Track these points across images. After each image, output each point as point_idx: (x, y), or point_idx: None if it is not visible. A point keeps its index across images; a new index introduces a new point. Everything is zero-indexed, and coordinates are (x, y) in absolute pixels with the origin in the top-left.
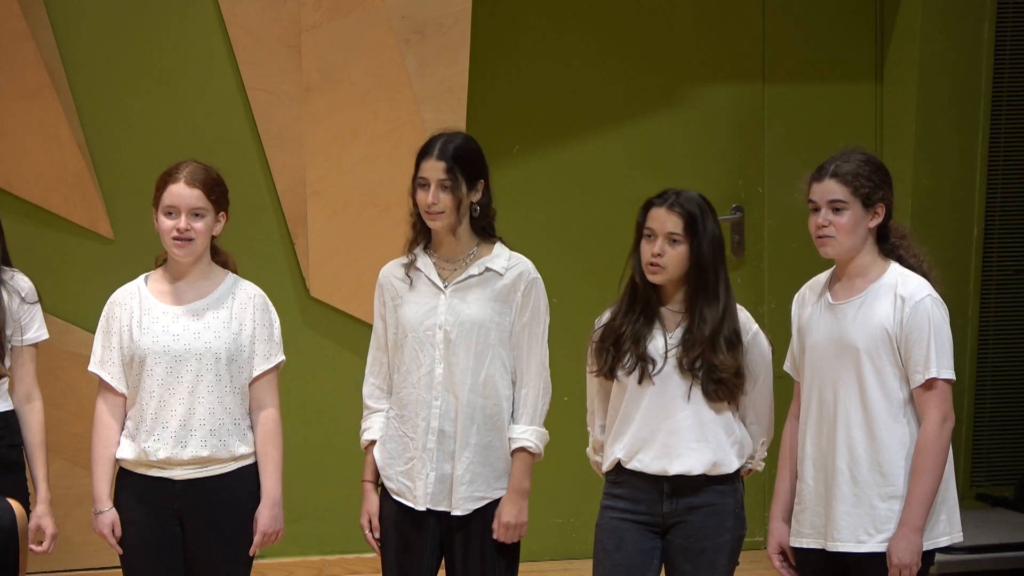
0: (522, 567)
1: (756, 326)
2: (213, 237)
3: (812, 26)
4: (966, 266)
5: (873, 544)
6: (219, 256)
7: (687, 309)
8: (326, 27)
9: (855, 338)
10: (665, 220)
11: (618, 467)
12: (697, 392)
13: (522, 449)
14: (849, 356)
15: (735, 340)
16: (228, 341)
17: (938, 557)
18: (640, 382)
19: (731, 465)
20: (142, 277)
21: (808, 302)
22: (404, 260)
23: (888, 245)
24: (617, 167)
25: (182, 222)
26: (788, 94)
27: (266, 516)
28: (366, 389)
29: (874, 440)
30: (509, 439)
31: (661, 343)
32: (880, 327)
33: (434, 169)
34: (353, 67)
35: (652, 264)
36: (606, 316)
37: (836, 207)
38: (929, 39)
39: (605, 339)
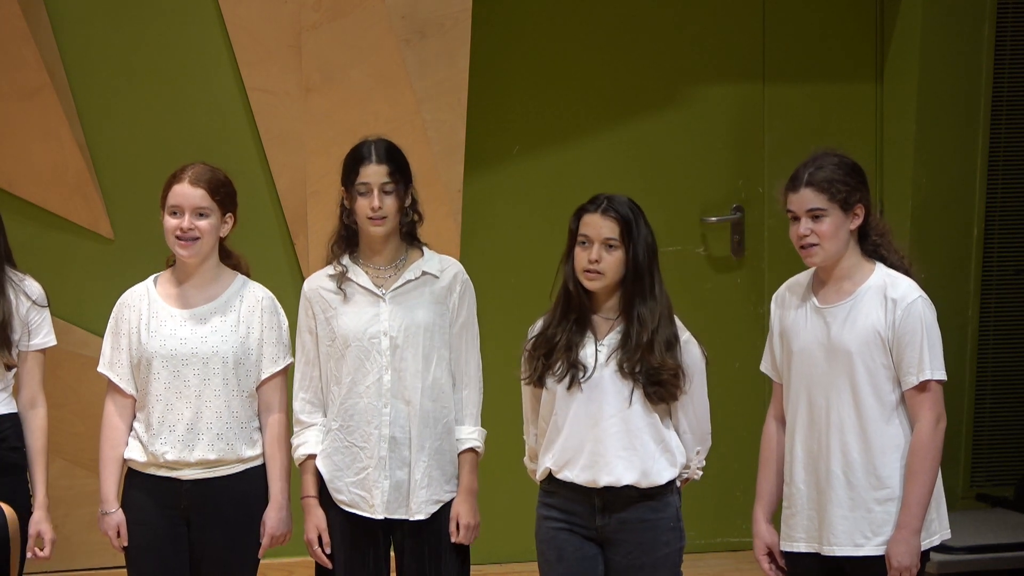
0: (522, 567)
1: (688, 333)
2: (222, 239)
3: (812, 26)
4: (966, 266)
5: (871, 547)
6: (231, 259)
7: (623, 313)
8: (326, 27)
9: (847, 342)
10: (600, 226)
11: (550, 477)
12: (637, 396)
13: (471, 450)
14: (841, 360)
15: (673, 341)
16: (235, 345)
17: (939, 557)
18: (569, 388)
19: (661, 476)
20: (151, 278)
21: (790, 304)
22: (331, 271)
23: (869, 243)
24: (617, 167)
25: (185, 221)
26: (788, 94)
27: (273, 519)
28: (297, 404)
29: (868, 443)
30: (457, 440)
31: (592, 350)
32: (872, 330)
33: (376, 174)
34: (353, 67)
35: (589, 271)
36: (539, 325)
37: (816, 215)
38: (929, 39)
39: (537, 347)
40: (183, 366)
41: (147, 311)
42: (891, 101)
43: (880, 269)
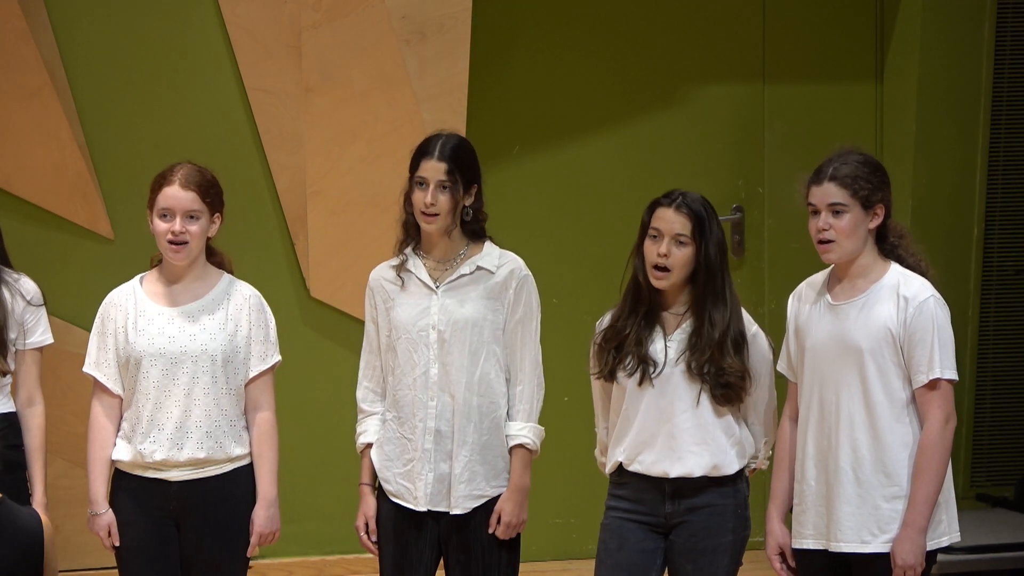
0: (522, 567)
1: (756, 327)
2: (208, 238)
3: (812, 26)
4: (966, 266)
5: (877, 544)
6: (215, 257)
7: (694, 312)
8: (326, 27)
9: (858, 339)
10: (673, 221)
11: (620, 469)
12: (705, 396)
13: (521, 446)
14: (852, 357)
15: (741, 342)
16: (224, 343)
17: (939, 557)
18: (640, 384)
19: (731, 466)
20: (137, 278)
21: (806, 301)
22: (394, 262)
23: (887, 245)
24: (617, 167)
25: (177, 225)
26: (788, 94)
27: (262, 517)
28: (360, 393)
29: (878, 440)
30: (507, 436)
31: (661, 346)
32: (883, 327)
33: (434, 170)
34: (353, 67)
35: (658, 268)
36: (607, 319)
37: (836, 210)
38: (929, 39)
39: (608, 341)
40: (172, 364)
41: (134, 310)
42: (891, 101)
43: (895, 268)
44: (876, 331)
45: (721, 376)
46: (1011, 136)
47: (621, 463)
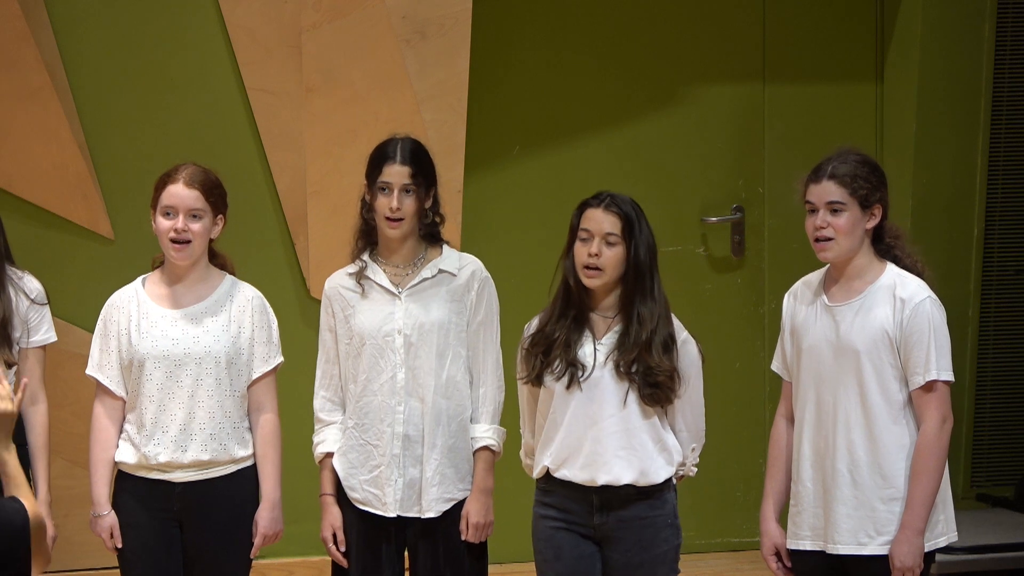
0: (523, 567)
1: (687, 333)
2: (211, 240)
3: (812, 26)
4: (966, 266)
5: (874, 546)
6: (217, 258)
7: (622, 312)
8: (326, 27)
9: (855, 341)
10: (602, 221)
11: (548, 475)
12: (633, 397)
13: (485, 448)
14: (849, 358)
15: (670, 343)
16: (227, 344)
17: (939, 557)
18: (568, 388)
19: (658, 475)
20: (139, 280)
21: (802, 301)
22: (351, 269)
23: (883, 245)
24: (617, 167)
25: (179, 223)
26: (788, 94)
27: (266, 518)
28: (317, 403)
29: (874, 442)
30: (472, 438)
31: (591, 349)
32: (880, 329)
33: (399, 174)
34: (353, 67)
35: (589, 267)
36: (535, 323)
37: (834, 208)
38: (929, 39)
39: (536, 345)
40: (176, 367)
41: (137, 312)
42: (891, 101)
43: (891, 269)
44: (873, 333)
45: (649, 375)
46: (1011, 136)
47: (548, 469)
